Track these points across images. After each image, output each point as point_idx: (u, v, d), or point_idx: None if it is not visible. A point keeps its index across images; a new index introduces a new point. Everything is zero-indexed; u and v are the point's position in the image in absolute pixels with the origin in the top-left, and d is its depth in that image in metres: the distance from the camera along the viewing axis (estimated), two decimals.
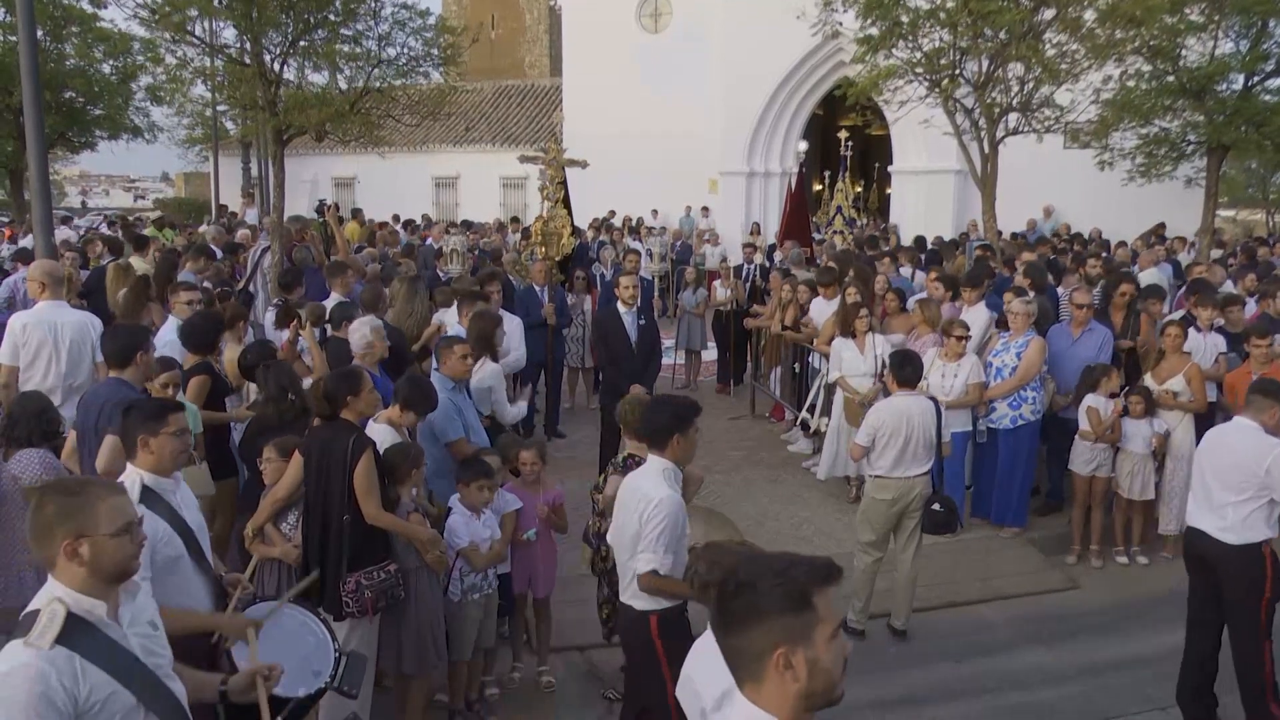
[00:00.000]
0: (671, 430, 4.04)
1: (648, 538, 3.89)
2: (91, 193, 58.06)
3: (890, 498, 6.06)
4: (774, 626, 1.87)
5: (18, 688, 2.30)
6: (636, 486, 4.07)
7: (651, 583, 3.92)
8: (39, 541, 2.49)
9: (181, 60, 12.21)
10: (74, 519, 2.46)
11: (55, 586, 2.48)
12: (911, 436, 5.96)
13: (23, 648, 2.37)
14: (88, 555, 2.45)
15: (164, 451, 3.56)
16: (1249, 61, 13.04)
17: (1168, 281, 11.07)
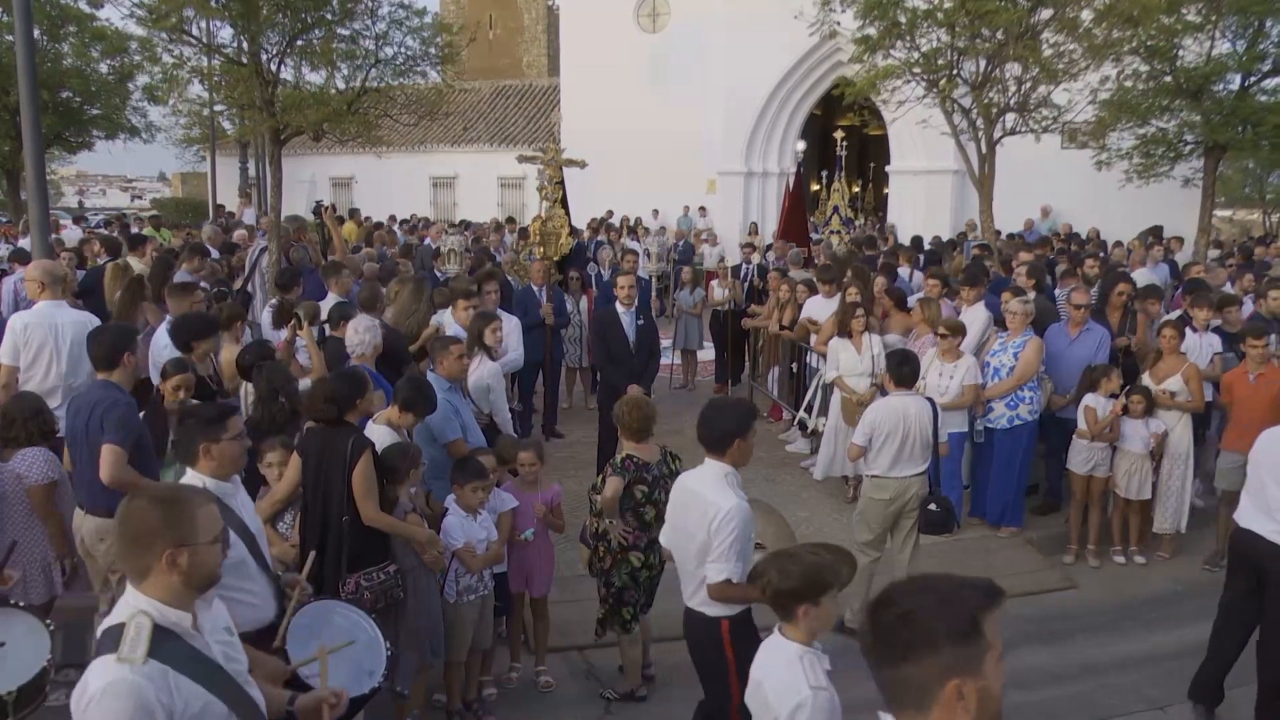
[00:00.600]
0: (733, 435, 4.01)
1: (720, 548, 3.86)
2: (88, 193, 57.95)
3: (887, 497, 6.06)
4: (946, 658, 1.77)
5: (116, 706, 2.25)
6: (699, 492, 4.02)
7: (724, 592, 3.91)
8: (135, 551, 2.42)
9: (178, 60, 12.22)
10: (177, 528, 2.41)
11: (139, 599, 2.41)
12: (909, 436, 5.97)
13: (115, 664, 2.30)
14: (186, 565, 2.41)
15: (225, 456, 3.57)
16: (1246, 61, 13.06)
17: (1163, 282, 11.08)
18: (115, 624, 2.39)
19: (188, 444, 3.62)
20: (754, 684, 3.17)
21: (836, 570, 3.22)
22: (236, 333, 6.92)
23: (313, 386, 5.23)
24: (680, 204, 24.26)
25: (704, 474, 4.09)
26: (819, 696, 2.98)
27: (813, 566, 3.13)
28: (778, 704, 3.01)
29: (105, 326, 5.07)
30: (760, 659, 3.20)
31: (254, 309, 10.20)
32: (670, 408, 11.23)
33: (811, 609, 3.11)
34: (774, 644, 3.20)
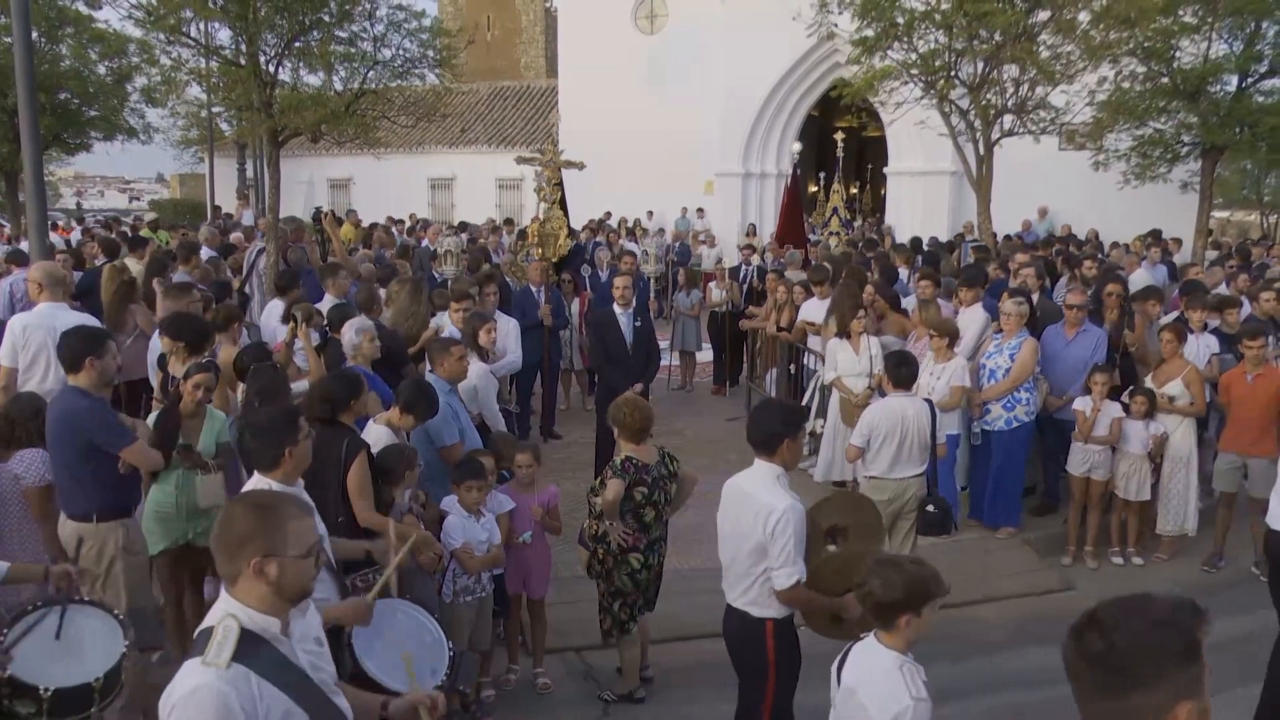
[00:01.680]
0: (782, 435, 4.03)
1: (783, 551, 3.88)
2: (86, 194, 57.95)
3: (886, 498, 6.06)
4: (1176, 683, 1.71)
5: (200, 709, 2.27)
6: (751, 495, 4.03)
7: (796, 595, 3.95)
8: (227, 555, 2.45)
9: (176, 61, 12.21)
10: (264, 538, 2.42)
11: (230, 603, 2.44)
12: (907, 437, 5.98)
13: (201, 667, 2.33)
14: (273, 575, 2.41)
15: (302, 459, 3.65)
16: (1242, 63, 13.10)
17: (1161, 283, 11.09)
18: (207, 626, 2.42)
19: (270, 449, 3.64)
20: (846, 690, 3.18)
21: (939, 580, 3.21)
22: (234, 334, 6.91)
23: (310, 387, 5.24)
24: (678, 205, 24.28)
25: (755, 475, 4.10)
26: (919, 708, 2.98)
27: (916, 577, 3.14)
28: (877, 712, 3.01)
29: (73, 330, 4.95)
30: (855, 665, 3.20)
31: (251, 310, 10.19)
32: (668, 409, 11.25)
33: (913, 619, 3.10)
34: (869, 651, 3.19)
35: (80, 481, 4.61)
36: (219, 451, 5.19)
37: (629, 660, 5.32)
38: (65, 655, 3.52)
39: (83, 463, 4.60)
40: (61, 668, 3.45)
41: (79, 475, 4.60)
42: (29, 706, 3.37)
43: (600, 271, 12.37)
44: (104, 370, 4.74)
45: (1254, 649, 5.94)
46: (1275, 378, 6.98)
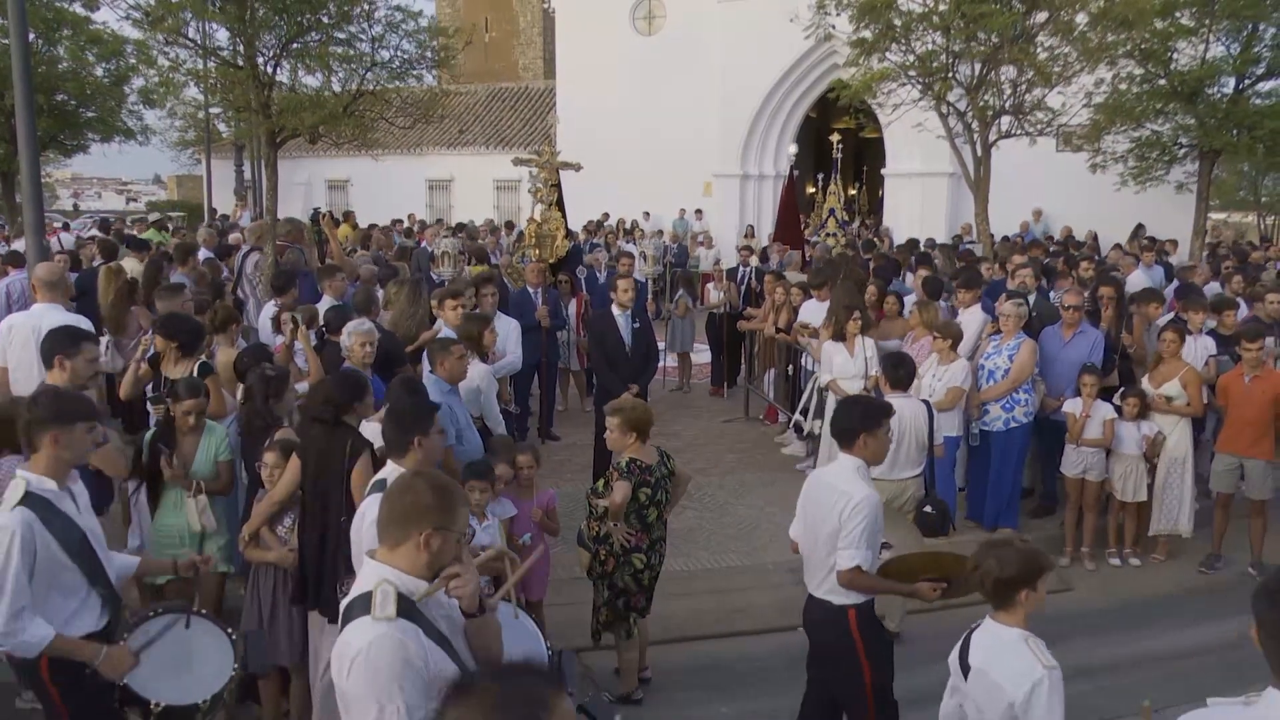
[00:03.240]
0: (859, 430, 4.13)
1: (850, 534, 3.99)
2: (83, 195, 57.86)
3: (884, 500, 6.05)
4: None
5: (385, 656, 2.45)
6: (831, 484, 4.16)
7: (854, 578, 4.03)
8: (399, 522, 2.63)
9: (174, 62, 12.19)
10: (439, 515, 2.63)
11: (383, 568, 2.62)
12: (905, 438, 6.01)
13: (372, 622, 2.50)
14: (435, 548, 2.61)
15: (433, 449, 3.85)
16: (1239, 65, 13.11)
17: (1158, 284, 11.10)
18: (363, 593, 2.59)
19: (400, 437, 3.80)
20: (977, 673, 3.25)
21: (1048, 556, 3.35)
22: (232, 336, 6.91)
23: (312, 388, 5.22)
24: (676, 207, 24.28)
25: (836, 468, 4.25)
26: (1053, 674, 3.09)
27: (1029, 553, 3.25)
28: (1013, 688, 3.10)
29: (51, 329, 4.99)
30: (980, 648, 3.29)
31: (247, 313, 10.18)
32: (666, 410, 11.25)
33: (1030, 594, 3.21)
34: (990, 632, 3.29)
35: None
36: (218, 471, 5.11)
37: (627, 662, 5.32)
38: (177, 669, 3.64)
39: None
40: (173, 683, 3.58)
41: None
42: (136, 717, 3.54)
43: (598, 273, 12.36)
44: (76, 369, 4.73)
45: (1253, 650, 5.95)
46: (1273, 380, 6.99)
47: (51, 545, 3.45)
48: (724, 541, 7.59)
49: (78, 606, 3.56)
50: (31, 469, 3.52)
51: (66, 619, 3.52)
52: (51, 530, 3.45)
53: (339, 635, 2.61)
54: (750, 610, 6.50)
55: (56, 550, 3.46)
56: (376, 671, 2.45)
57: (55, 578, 3.48)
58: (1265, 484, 7.05)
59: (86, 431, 3.60)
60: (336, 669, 2.55)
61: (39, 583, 3.41)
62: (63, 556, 3.48)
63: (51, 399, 3.69)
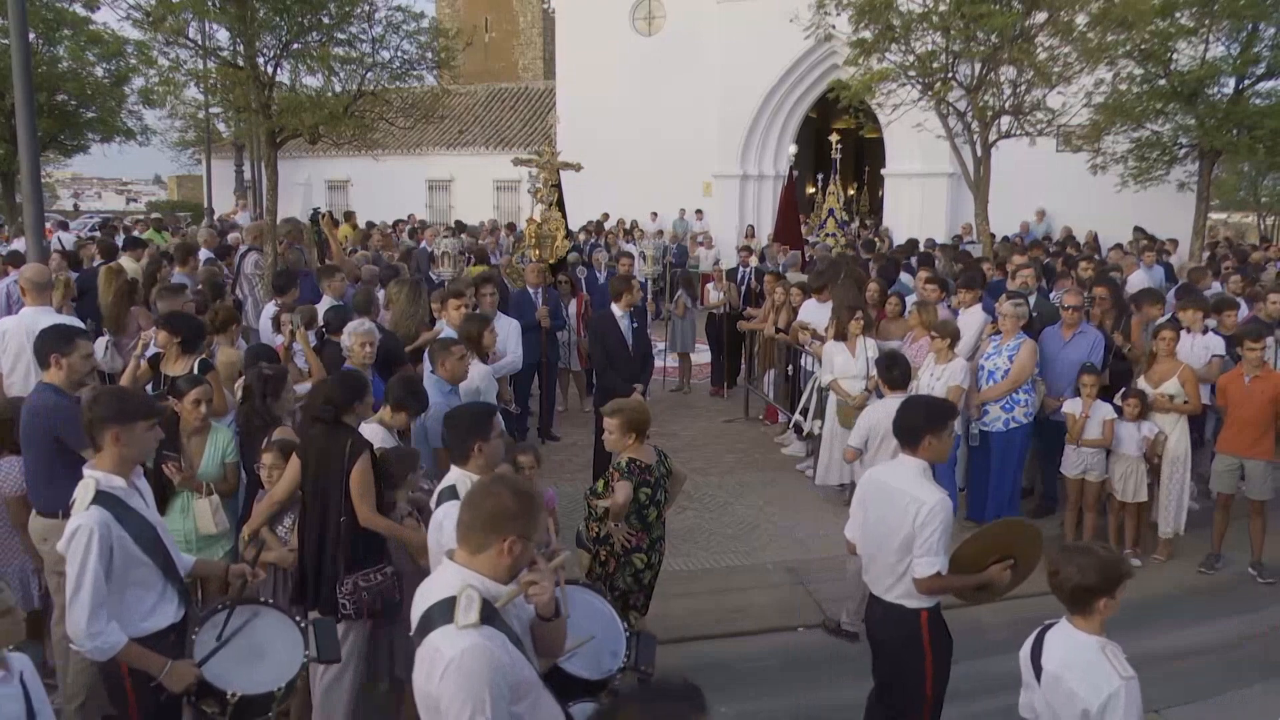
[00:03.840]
0: (924, 431, 4.11)
1: (927, 542, 3.96)
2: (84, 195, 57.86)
3: None
4: None
5: (476, 664, 2.52)
6: (898, 488, 4.11)
7: (935, 584, 4.02)
8: (483, 528, 2.70)
9: (174, 63, 12.19)
10: (523, 522, 2.70)
11: (466, 573, 2.68)
12: None
13: (458, 631, 2.56)
14: (517, 554, 2.69)
15: (494, 453, 3.92)
16: (1240, 65, 13.10)
17: (1158, 284, 11.10)
18: (446, 597, 2.64)
19: (460, 444, 3.88)
20: (1051, 678, 3.25)
21: (1128, 564, 3.34)
22: (232, 335, 6.91)
23: (313, 388, 5.21)
24: (676, 207, 24.28)
25: (900, 469, 4.19)
26: (1131, 685, 3.07)
27: (1110, 561, 3.25)
28: (1088, 695, 3.10)
29: (45, 329, 4.98)
30: (1055, 652, 3.28)
31: (246, 314, 10.18)
32: (666, 411, 11.25)
33: (1109, 602, 3.21)
34: (1067, 636, 3.28)
35: (50, 478, 4.60)
36: (225, 473, 5.09)
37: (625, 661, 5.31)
38: (250, 659, 3.73)
39: (53, 460, 4.59)
40: (247, 673, 3.67)
41: (50, 473, 4.60)
42: (213, 707, 3.61)
43: (598, 273, 12.36)
44: (72, 368, 4.73)
45: (1253, 650, 5.95)
46: (1273, 380, 6.98)
47: (126, 541, 3.49)
48: (723, 541, 7.59)
49: (155, 600, 3.62)
50: (99, 468, 3.57)
51: (147, 613, 3.57)
52: (125, 527, 3.50)
53: (425, 638, 2.63)
54: (749, 610, 6.50)
55: (131, 546, 3.51)
56: (468, 680, 2.51)
57: (132, 574, 3.53)
58: (1265, 484, 7.04)
59: (147, 429, 3.64)
60: (425, 673, 2.60)
61: (116, 579, 3.45)
62: (138, 552, 3.53)
63: (112, 397, 3.72)
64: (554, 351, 10.17)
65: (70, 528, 3.42)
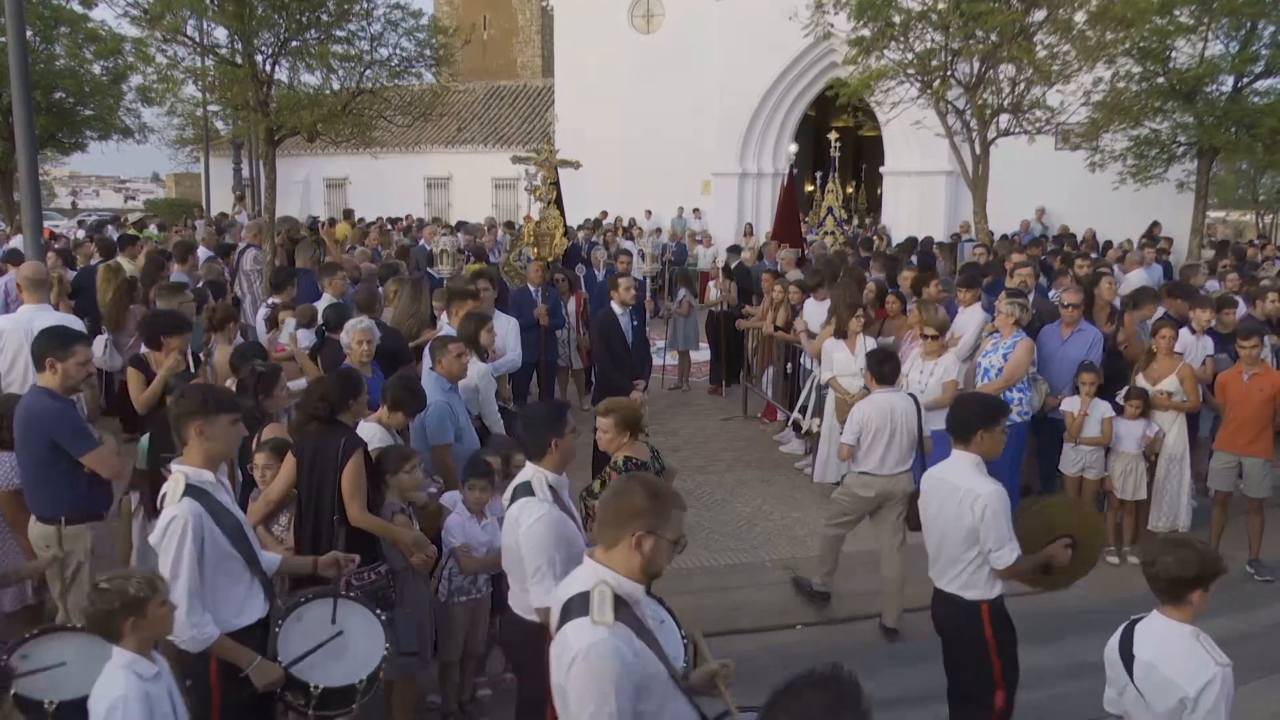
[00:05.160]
0: (976, 426, 4.21)
1: (998, 535, 4.08)
2: (81, 193, 57.81)
3: (872, 495, 6.17)
4: None
5: (603, 660, 2.56)
6: (955, 484, 4.21)
7: (1015, 569, 4.14)
8: (615, 523, 2.74)
9: (172, 60, 12.18)
10: (652, 517, 2.72)
11: (601, 569, 2.73)
12: (896, 432, 6.07)
13: (591, 625, 2.61)
14: (647, 551, 2.70)
15: (569, 450, 3.97)
16: (1238, 63, 13.11)
17: (1156, 283, 11.11)
18: (580, 591, 2.70)
19: (537, 439, 3.91)
20: (1145, 667, 3.31)
21: (1223, 560, 3.43)
22: (230, 334, 6.91)
23: (309, 386, 5.21)
24: (675, 205, 24.27)
25: (954, 464, 4.30)
26: (1226, 672, 3.15)
27: (1208, 556, 3.34)
28: (1186, 683, 3.17)
29: (43, 331, 4.93)
30: (1148, 643, 3.35)
31: (245, 312, 10.18)
32: (665, 409, 11.25)
33: (1203, 595, 3.29)
34: (1159, 626, 3.35)
35: (47, 483, 4.57)
36: None
37: None
38: (332, 652, 3.78)
39: (49, 464, 4.56)
40: (330, 665, 3.74)
41: (46, 476, 4.57)
42: (299, 699, 3.68)
43: (596, 271, 12.36)
44: (68, 372, 4.69)
45: (1251, 648, 5.95)
46: (1271, 378, 6.99)
47: (217, 534, 3.53)
48: (722, 539, 7.60)
49: (244, 594, 3.66)
50: (187, 462, 3.61)
51: (238, 606, 3.61)
52: (215, 520, 3.54)
53: (559, 630, 2.68)
54: (748, 608, 6.50)
55: (221, 539, 3.55)
56: (594, 674, 2.55)
57: (222, 566, 3.57)
58: (1263, 482, 7.05)
59: (230, 424, 3.67)
60: (556, 663, 2.66)
61: (208, 571, 3.49)
62: (227, 545, 3.57)
63: (195, 391, 3.76)
64: (553, 350, 10.16)
65: (164, 520, 3.48)
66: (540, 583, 3.63)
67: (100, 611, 2.93)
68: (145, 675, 2.93)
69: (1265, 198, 25.19)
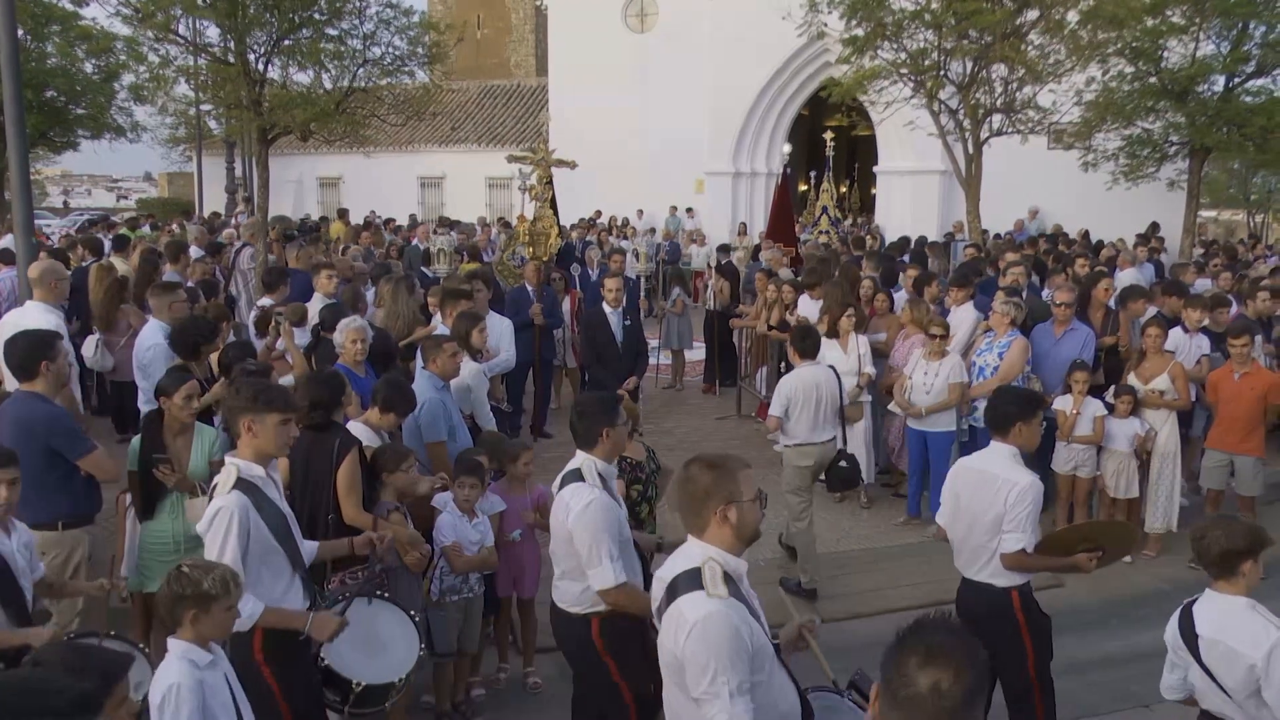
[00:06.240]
0: (1015, 418, 4.28)
1: (1016, 519, 4.14)
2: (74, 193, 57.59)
3: (810, 463, 6.54)
4: None
5: (718, 629, 2.67)
6: (990, 472, 4.28)
7: (1021, 560, 4.19)
8: (693, 510, 2.86)
9: (164, 59, 12.15)
10: (724, 489, 2.83)
11: (706, 548, 2.85)
12: (821, 403, 6.50)
13: (706, 598, 2.73)
14: (734, 520, 2.82)
15: (620, 438, 4.03)
16: (1230, 63, 13.15)
17: (1148, 282, 11.15)
18: (692, 568, 2.81)
19: (588, 430, 3.98)
20: (1208, 643, 3.39)
21: (1267, 532, 3.53)
22: (224, 333, 6.89)
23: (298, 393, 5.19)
24: (668, 204, 24.27)
25: (991, 455, 4.35)
26: None
27: (1254, 528, 3.49)
28: (1251, 651, 3.25)
29: (20, 334, 4.83)
30: (1207, 619, 3.42)
31: (239, 310, 10.15)
32: (659, 408, 11.25)
33: (1253, 566, 3.41)
34: (1215, 603, 3.44)
35: (43, 488, 4.51)
36: (212, 471, 4.97)
37: None
38: (371, 650, 3.90)
39: (45, 470, 4.50)
40: (370, 663, 3.85)
41: (42, 482, 4.51)
42: (335, 695, 3.78)
43: (590, 270, 12.35)
44: (59, 372, 4.67)
45: None
46: (1262, 377, 7.03)
47: (262, 528, 3.60)
48: None
49: (285, 587, 3.71)
50: (240, 455, 3.69)
51: (279, 600, 3.65)
52: (262, 514, 3.60)
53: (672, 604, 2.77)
54: None
55: (266, 533, 3.61)
56: (709, 642, 2.65)
57: (265, 559, 3.62)
58: (1255, 480, 7.09)
59: (280, 423, 3.70)
60: (672, 636, 2.76)
61: (252, 563, 3.55)
62: (271, 539, 3.63)
63: (250, 387, 3.83)
64: (548, 349, 10.16)
65: (211, 509, 3.55)
66: (599, 565, 3.69)
67: (171, 595, 3.00)
68: (200, 663, 2.98)
69: (1257, 197, 25.29)
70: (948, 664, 1.86)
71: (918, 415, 7.52)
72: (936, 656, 1.87)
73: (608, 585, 3.66)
